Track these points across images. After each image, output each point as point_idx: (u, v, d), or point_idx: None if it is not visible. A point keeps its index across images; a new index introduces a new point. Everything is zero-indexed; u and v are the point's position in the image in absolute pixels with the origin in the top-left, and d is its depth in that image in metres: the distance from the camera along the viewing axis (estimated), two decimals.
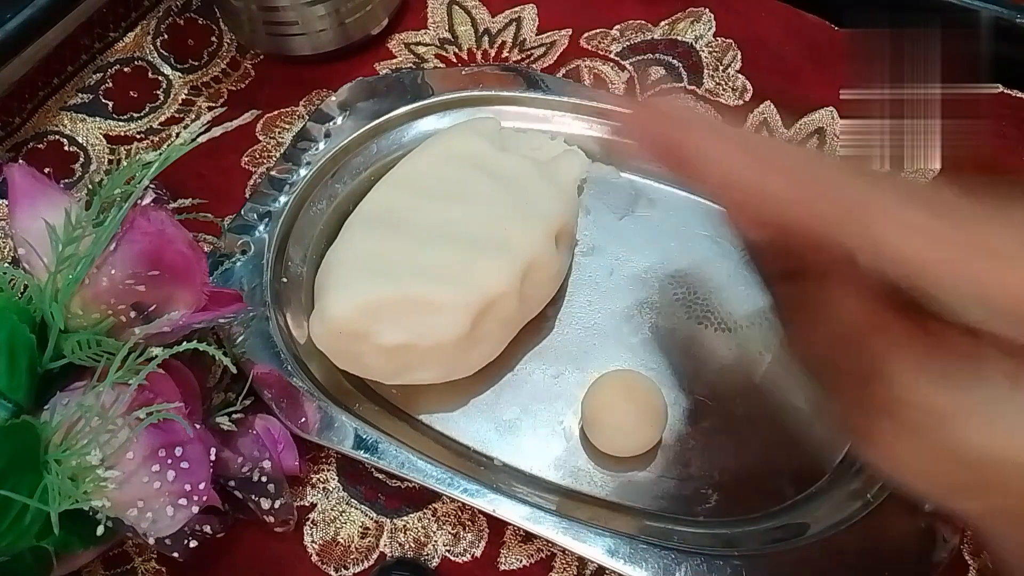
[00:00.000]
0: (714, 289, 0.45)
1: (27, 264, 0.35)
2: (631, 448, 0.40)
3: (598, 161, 0.49)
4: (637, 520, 0.39)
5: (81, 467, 0.32)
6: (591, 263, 0.47)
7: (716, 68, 0.54)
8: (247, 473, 0.37)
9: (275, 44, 0.54)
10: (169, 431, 0.33)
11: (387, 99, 0.50)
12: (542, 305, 0.44)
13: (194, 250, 0.35)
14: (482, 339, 0.41)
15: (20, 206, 0.35)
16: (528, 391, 0.43)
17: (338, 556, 0.39)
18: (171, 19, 0.57)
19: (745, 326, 0.44)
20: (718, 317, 0.44)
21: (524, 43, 0.56)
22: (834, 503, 0.38)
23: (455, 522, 0.40)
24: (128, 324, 0.34)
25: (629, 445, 0.40)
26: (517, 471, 0.41)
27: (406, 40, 0.56)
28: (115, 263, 0.34)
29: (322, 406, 0.40)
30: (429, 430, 0.42)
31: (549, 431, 0.42)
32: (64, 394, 0.34)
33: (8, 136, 0.52)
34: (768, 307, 0.31)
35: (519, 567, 0.39)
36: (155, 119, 0.54)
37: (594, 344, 0.44)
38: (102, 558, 0.39)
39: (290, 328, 0.43)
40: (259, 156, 0.51)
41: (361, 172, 0.49)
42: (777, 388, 0.42)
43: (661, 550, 0.36)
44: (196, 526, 0.36)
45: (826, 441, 0.41)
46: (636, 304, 0.45)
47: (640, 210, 0.48)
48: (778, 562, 0.35)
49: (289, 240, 0.46)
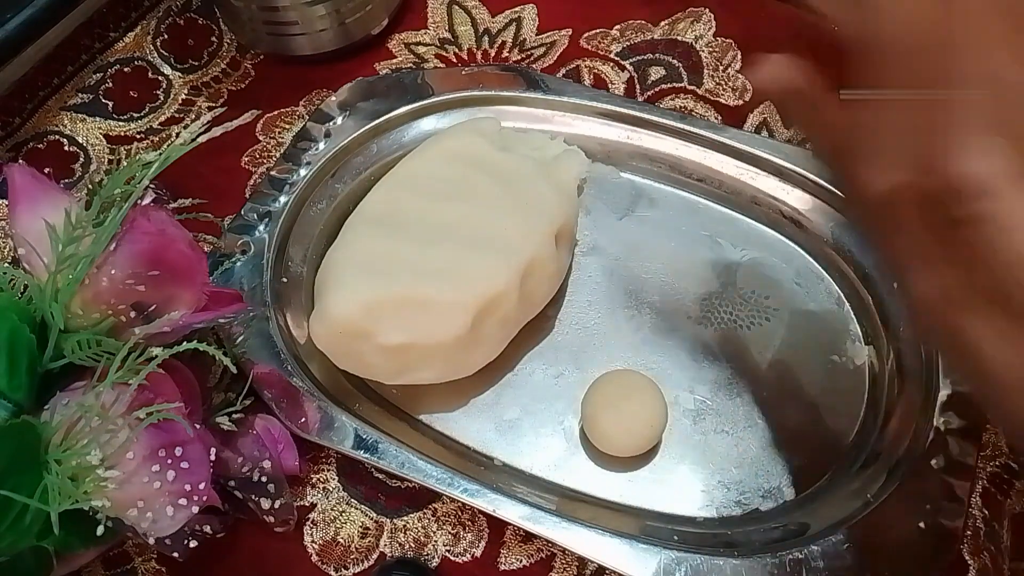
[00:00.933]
0: (714, 289, 0.45)
1: (27, 264, 0.35)
2: (631, 448, 0.40)
3: (598, 161, 0.50)
4: (637, 520, 0.39)
5: (81, 467, 0.32)
6: (591, 263, 0.47)
7: (716, 68, 0.54)
8: (247, 473, 0.37)
9: (275, 44, 0.54)
10: (169, 431, 0.33)
11: (387, 99, 0.50)
12: (542, 305, 0.44)
13: (194, 250, 0.35)
14: (482, 339, 0.41)
15: (20, 206, 0.35)
16: (528, 391, 0.43)
17: (338, 556, 0.39)
18: (171, 19, 0.57)
19: (745, 326, 0.44)
20: (718, 317, 0.44)
21: (524, 43, 0.56)
22: (834, 503, 0.38)
23: (455, 522, 0.40)
24: (128, 324, 0.34)
25: (629, 445, 0.40)
26: (517, 471, 0.41)
27: (406, 40, 0.56)
28: (115, 263, 0.34)
29: (322, 406, 0.40)
30: (429, 430, 0.42)
31: (549, 431, 0.42)
32: (64, 394, 0.34)
33: (8, 136, 0.52)
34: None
35: (519, 567, 0.39)
36: (155, 119, 0.54)
37: (594, 344, 0.44)
38: (102, 558, 0.39)
39: (290, 328, 0.43)
40: (259, 156, 0.51)
41: (361, 172, 0.49)
42: (777, 388, 0.42)
43: (661, 550, 0.36)
44: (196, 526, 0.36)
45: (826, 441, 0.41)
46: (636, 304, 0.45)
47: (640, 210, 0.48)
48: (778, 562, 0.35)
49: (289, 240, 0.46)
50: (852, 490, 0.38)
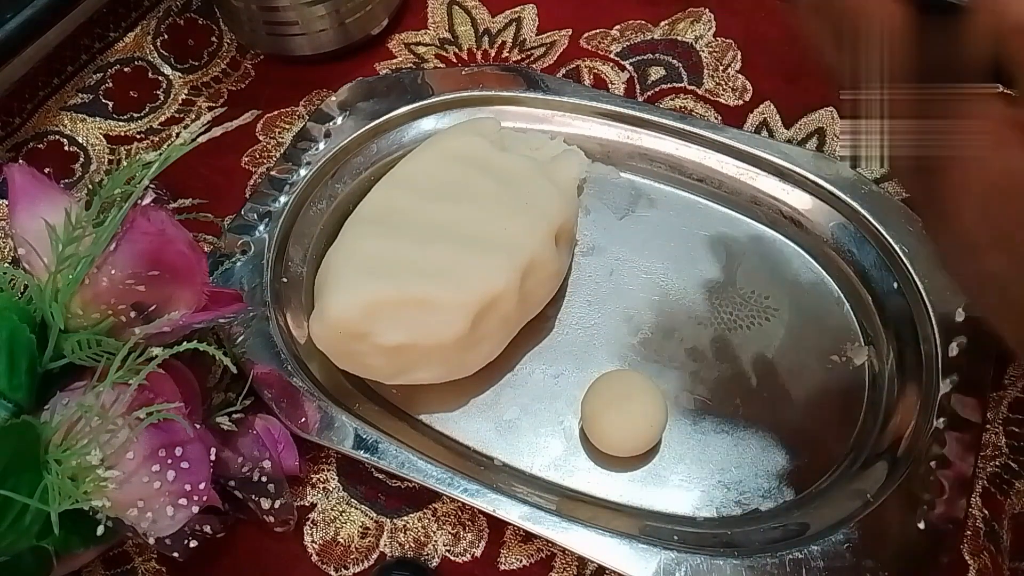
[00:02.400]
0: (714, 289, 0.45)
1: (27, 264, 0.35)
2: (631, 448, 0.40)
3: (598, 161, 0.50)
4: (637, 520, 0.39)
5: (81, 467, 0.32)
6: (591, 263, 0.47)
7: (716, 68, 0.54)
8: (247, 473, 0.37)
9: (275, 44, 0.54)
10: (169, 431, 0.33)
11: (387, 99, 0.50)
12: (542, 305, 0.44)
13: (194, 250, 0.35)
14: (482, 339, 0.41)
15: (20, 206, 0.35)
16: (528, 391, 0.43)
17: (338, 556, 0.39)
18: (171, 19, 0.57)
19: (745, 326, 0.44)
20: (719, 317, 0.44)
21: (524, 43, 0.56)
22: (834, 503, 0.38)
23: (455, 522, 0.40)
24: (128, 324, 0.34)
25: (629, 445, 0.40)
26: (517, 471, 0.41)
27: (406, 40, 0.56)
28: (115, 263, 0.34)
29: (322, 406, 0.40)
30: (429, 430, 0.42)
31: (549, 431, 0.42)
32: (64, 394, 0.34)
33: (8, 136, 0.52)
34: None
35: (519, 567, 0.39)
36: (155, 119, 0.54)
37: (594, 344, 0.44)
38: (102, 558, 0.39)
39: (290, 328, 0.43)
40: (259, 156, 0.51)
41: (361, 172, 0.49)
42: (777, 388, 0.42)
43: (661, 550, 0.36)
44: (196, 526, 0.36)
45: (826, 441, 0.41)
46: (636, 304, 0.45)
47: (640, 210, 0.48)
48: (778, 562, 0.35)
49: (289, 240, 0.46)
50: (852, 490, 0.38)
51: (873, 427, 0.41)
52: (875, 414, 0.41)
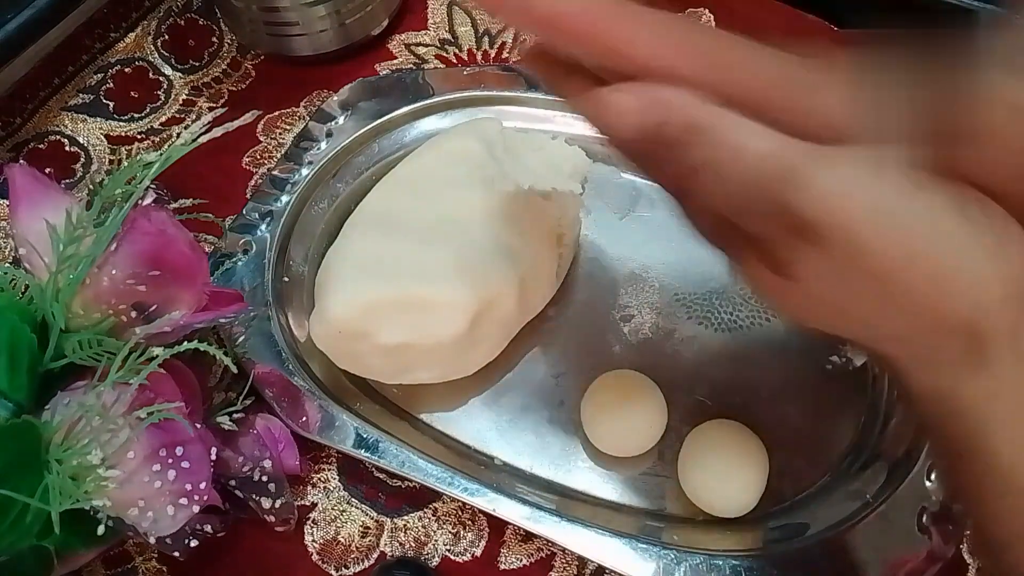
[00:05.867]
0: (714, 289, 0.45)
1: (28, 264, 0.35)
2: (631, 448, 0.40)
3: (598, 161, 0.49)
4: (637, 520, 0.39)
5: (82, 467, 0.32)
6: (591, 263, 0.47)
7: None
8: (248, 472, 0.37)
9: (276, 44, 0.54)
10: (170, 431, 0.33)
11: (389, 99, 0.50)
12: (542, 305, 0.44)
13: (195, 250, 0.35)
14: (482, 339, 0.41)
15: (21, 206, 0.35)
16: (528, 391, 0.43)
17: (339, 555, 0.39)
18: (172, 19, 0.57)
19: (745, 326, 0.44)
20: (718, 317, 0.45)
21: (524, 44, 0.56)
22: (834, 503, 0.38)
23: (455, 521, 0.40)
24: (129, 324, 0.35)
25: (629, 445, 0.40)
26: (517, 470, 0.41)
27: (406, 41, 0.56)
28: (116, 263, 0.34)
29: (323, 405, 0.40)
30: (430, 429, 0.42)
31: (549, 431, 0.42)
32: (65, 394, 0.34)
33: (9, 136, 0.52)
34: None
35: (519, 566, 0.39)
36: (156, 119, 0.54)
37: (594, 344, 0.44)
38: (103, 557, 0.39)
39: (291, 327, 0.43)
40: (260, 156, 0.51)
41: (362, 172, 0.49)
42: (777, 388, 0.42)
43: (661, 550, 0.36)
44: (197, 525, 0.36)
45: (826, 441, 0.41)
46: (636, 304, 0.45)
47: (640, 210, 0.48)
48: (778, 562, 0.35)
49: (291, 240, 0.46)
50: (852, 490, 0.38)
51: (873, 427, 0.41)
52: (875, 414, 0.41)
